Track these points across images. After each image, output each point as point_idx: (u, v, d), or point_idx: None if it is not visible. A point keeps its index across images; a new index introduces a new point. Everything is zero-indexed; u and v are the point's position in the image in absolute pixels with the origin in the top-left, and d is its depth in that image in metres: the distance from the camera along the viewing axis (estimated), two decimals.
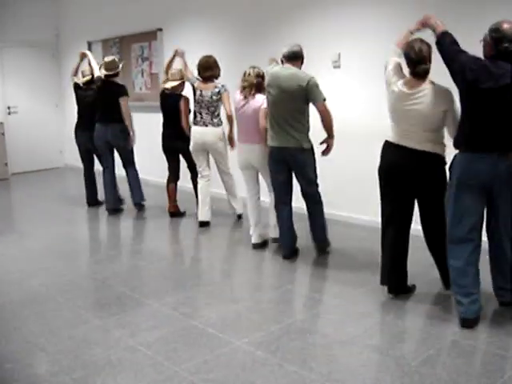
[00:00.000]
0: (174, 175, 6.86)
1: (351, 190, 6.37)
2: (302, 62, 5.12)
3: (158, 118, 6.88)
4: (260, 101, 5.35)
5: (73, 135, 7.66)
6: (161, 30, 8.79)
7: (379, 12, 6.00)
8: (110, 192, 7.25)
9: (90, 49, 10.36)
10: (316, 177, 5.21)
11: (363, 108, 6.10)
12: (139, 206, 7.32)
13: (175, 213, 6.92)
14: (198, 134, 6.26)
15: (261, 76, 5.40)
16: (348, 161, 6.22)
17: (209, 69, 6.21)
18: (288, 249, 5.33)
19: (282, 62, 5.13)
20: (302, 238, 5.47)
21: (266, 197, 5.68)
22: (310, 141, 5.06)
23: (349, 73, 6.24)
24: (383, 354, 3.44)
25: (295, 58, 5.05)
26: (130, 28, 9.27)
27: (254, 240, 5.61)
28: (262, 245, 5.61)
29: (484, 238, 3.89)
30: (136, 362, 3.38)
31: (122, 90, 6.98)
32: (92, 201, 7.65)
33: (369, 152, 6.05)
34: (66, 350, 3.55)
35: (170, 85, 6.60)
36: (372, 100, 5.87)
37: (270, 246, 5.62)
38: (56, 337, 3.74)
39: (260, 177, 5.70)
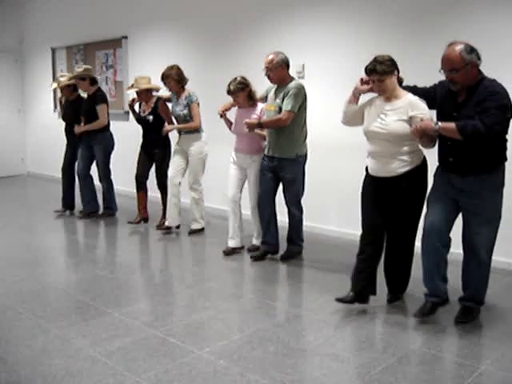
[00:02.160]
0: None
1: (312, 200, 6.42)
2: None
3: (123, 126, 6.85)
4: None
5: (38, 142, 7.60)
6: (126, 37, 8.76)
7: (341, 24, 6.10)
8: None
9: (53, 55, 10.30)
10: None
11: (325, 117, 6.15)
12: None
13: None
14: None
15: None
16: (313, 173, 6.26)
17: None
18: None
19: None
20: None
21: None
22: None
23: (312, 83, 6.29)
24: (344, 362, 3.46)
25: None
26: (95, 35, 9.22)
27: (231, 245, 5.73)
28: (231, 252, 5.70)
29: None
30: (96, 373, 3.33)
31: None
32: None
33: (331, 162, 6.16)
34: (24, 361, 3.49)
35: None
36: (334, 110, 5.90)
37: (236, 255, 5.63)
38: (15, 347, 3.67)
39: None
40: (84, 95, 7.39)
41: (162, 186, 6.66)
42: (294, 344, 3.74)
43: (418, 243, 4.15)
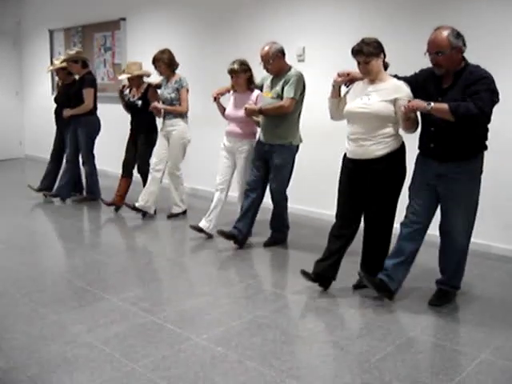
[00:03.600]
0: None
1: (313, 185, 6.38)
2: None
3: (120, 108, 6.78)
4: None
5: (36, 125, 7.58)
6: (124, 19, 8.67)
7: (342, 6, 6.01)
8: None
9: (51, 37, 10.20)
10: None
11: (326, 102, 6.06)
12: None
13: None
14: None
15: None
16: (312, 155, 6.21)
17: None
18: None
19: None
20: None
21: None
22: None
23: (313, 66, 6.22)
24: (343, 350, 3.43)
25: None
26: (93, 17, 9.13)
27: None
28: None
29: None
30: (93, 359, 3.30)
31: None
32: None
33: (332, 146, 6.09)
34: (20, 347, 3.45)
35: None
36: None
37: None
38: (10, 333, 3.63)
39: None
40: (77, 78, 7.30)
41: (142, 171, 6.62)
42: (293, 331, 3.71)
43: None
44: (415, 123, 3.94)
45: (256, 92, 5.47)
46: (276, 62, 5.15)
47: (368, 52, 3.97)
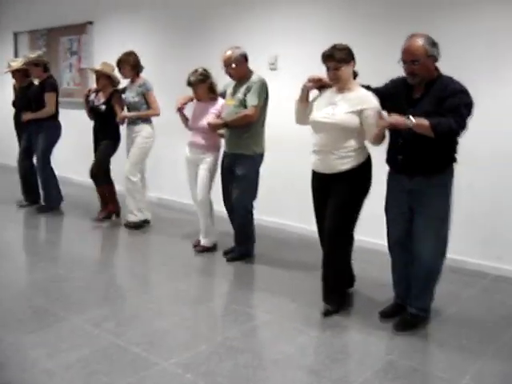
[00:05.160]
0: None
1: (283, 197, 6.23)
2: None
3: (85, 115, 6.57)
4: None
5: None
6: (91, 23, 8.42)
7: (316, 13, 5.88)
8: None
9: (16, 40, 9.89)
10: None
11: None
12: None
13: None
14: None
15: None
16: (282, 167, 6.05)
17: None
18: None
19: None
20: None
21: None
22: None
23: (285, 75, 6.07)
24: (319, 375, 3.26)
25: None
26: (59, 20, 8.86)
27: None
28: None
29: None
30: None
31: None
32: None
33: (304, 156, 5.95)
34: None
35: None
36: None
37: (202, 256, 5.40)
38: None
39: None
40: (36, 82, 7.05)
41: (95, 175, 6.42)
42: (266, 354, 3.54)
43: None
44: (383, 135, 3.80)
45: (220, 101, 5.31)
46: (239, 66, 5.01)
47: (339, 58, 3.85)
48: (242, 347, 3.58)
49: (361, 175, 3.97)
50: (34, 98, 6.82)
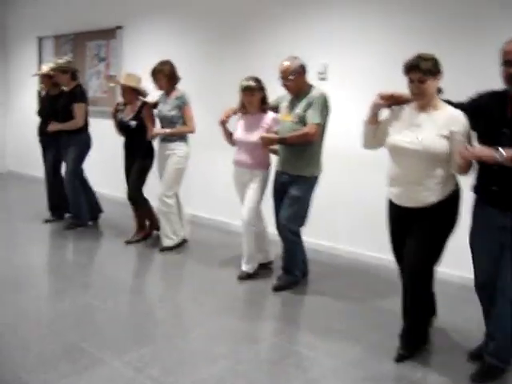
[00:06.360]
0: None
1: (332, 218, 5.71)
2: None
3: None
4: None
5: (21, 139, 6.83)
6: (120, 27, 7.96)
7: (368, 24, 5.41)
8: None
9: (40, 45, 9.46)
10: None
11: (351, 123, 5.40)
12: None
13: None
14: None
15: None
16: (333, 185, 5.52)
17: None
18: None
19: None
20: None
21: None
22: None
23: (336, 86, 5.55)
24: None
25: None
26: (87, 24, 8.41)
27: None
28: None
29: None
30: None
31: None
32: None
33: (357, 176, 5.43)
34: None
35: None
36: (361, 115, 5.20)
37: (245, 284, 4.88)
38: None
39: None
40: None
41: (133, 199, 5.94)
42: None
43: None
44: (470, 164, 3.24)
45: (270, 114, 4.81)
46: (296, 79, 4.53)
47: (426, 69, 3.26)
48: None
49: (449, 208, 3.41)
50: (62, 108, 6.35)
